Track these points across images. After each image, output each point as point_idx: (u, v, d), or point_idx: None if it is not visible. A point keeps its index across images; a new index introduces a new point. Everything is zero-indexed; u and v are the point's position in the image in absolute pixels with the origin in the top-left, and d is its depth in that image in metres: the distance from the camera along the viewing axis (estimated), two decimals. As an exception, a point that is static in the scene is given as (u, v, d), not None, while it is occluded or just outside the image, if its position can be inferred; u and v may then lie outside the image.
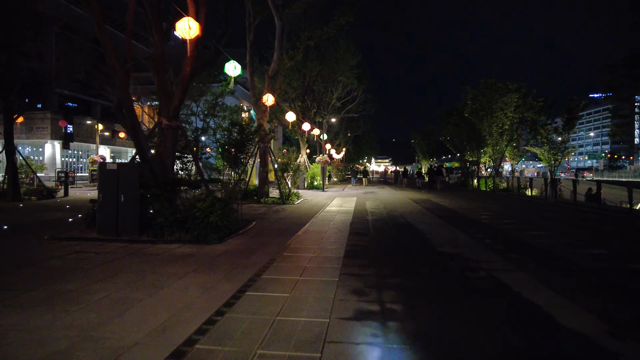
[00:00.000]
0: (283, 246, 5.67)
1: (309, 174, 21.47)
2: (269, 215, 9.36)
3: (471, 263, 4.77)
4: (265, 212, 10.15)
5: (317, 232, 6.90)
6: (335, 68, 21.51)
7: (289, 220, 8.50)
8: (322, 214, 9.69)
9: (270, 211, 10.31)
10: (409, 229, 7.43)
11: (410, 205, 12.21)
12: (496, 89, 20.06)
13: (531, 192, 16.82)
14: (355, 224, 7.93)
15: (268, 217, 9.12)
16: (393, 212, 10.22)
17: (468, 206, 12.22)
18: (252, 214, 9.50)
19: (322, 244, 5.81)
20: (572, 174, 58.36)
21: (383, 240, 6.30)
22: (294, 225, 7.79)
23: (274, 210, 10.62)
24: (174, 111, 6.90)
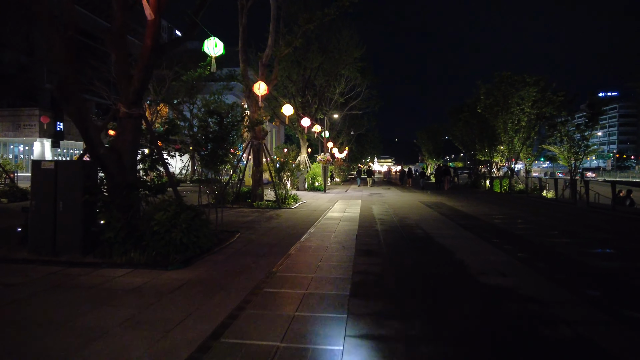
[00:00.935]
0: (267, 274, 4.20)
1: (309, 174, 20.00)
2: (259, 224, 7.89)
3: (537, 307, 3.27)
4: (255, 219, 8.69)
5: (314, 250, 5.42)
6: (338, 60, 20.04)
7: (281, 231, 7.03)
8: (322, 222, 8.21)
9: (262, 218, 8.84)
10: (431, 245, 5.93)
11: (423, 211, 10.71)
12: (512, 83, 18.50)
13: (556, 194, 15.26)
14: (363, 238, 6.44)
15: (258, 226, 7.65)
16: (406, 220, 8.73)
17: (490, 212, 10.70)
18: (239, 222, 8.04)
19: (320, 271, 4.32)
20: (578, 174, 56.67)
21: (401, 263, 4.81)
22: (287, 238, 6.31)
23: (266, 216, 9.15)
24: (134, 95, 5.44)
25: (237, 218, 8.74)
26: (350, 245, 5.69)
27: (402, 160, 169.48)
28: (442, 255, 5.22)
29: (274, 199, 11.61)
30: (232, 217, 8.81)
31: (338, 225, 7.75)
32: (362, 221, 8.40)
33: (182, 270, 4.29)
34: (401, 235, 6.73)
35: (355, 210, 10.71)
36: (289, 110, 12.44)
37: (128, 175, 5.46)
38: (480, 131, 22.16)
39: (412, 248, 5.68)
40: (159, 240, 4.64)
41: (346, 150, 38.26)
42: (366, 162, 70.64)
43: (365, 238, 6.34)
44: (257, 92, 9.73)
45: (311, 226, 7.57)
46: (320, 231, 7.01)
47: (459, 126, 24.16)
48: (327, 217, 9.03)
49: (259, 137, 11.91)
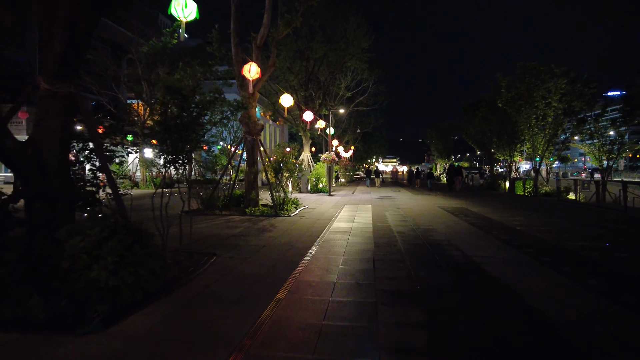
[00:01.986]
0: (234, 349, 2.52)
1: (312, 175, 18.32)
2: (246, 240, 6.22)
3: None
4: (244, 231, 7.02)
5: (315, 292, 3.71)
6: (344, 51, 18.32)
7: (273, 253, 5.35)
8: (326, 238, 6.51)
9: (253, 230, 7.17)
10: (482, 279, 4.21)
11: (447, 219, 8.97)
12: (537, 74, 16.66)
13: (597, 198, 13.42)
14: (383, 266, 4.73)
15: (244, 243, 5.98)
16: (432, 233, 7.00)
17: (526, 220, 8.93)
18: (222, 237, 6.37)
19: (323, 344, 2.63)
20: (587, 174, 53.99)
21: (452, 324, 3.11)
22: (278, 266, 4.63)
23: (258, 227, 7.48)
24: (58, 64, 3.80)
25: (221, 230, 7.08)
26: (367, 282, 3.98)
27: (407, 160, 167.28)
28: (506, 301, 3.49)
29: (271, 204, 9.95)
30: (216, 229, 7.15)
31: (347, 242, 6.04)
32: (378, 236, 6.69)
33: (98, 337, 2.63)
34: (434, 259, 5.01)
35: (366, 218, 9.00)
36: (287, 100, 10.75)
37: (52, 178, 3.82)
38: (499, 128, 20.31)
39: (458, 285, 3.96)
40: (73, 282, 2.98)
41: (352, 149, 36.53)
42: (371, 162, 68.86)
43: (386, 267, 4.63)
44: (247, 76, 8.07)
45: (312, 244, 5.88)
46: (324, 253, 5.31)
47: (475, 123, 22.31)
48: (333, 230, 7.33)
49: (253, 133, 10.26)
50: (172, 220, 4.53)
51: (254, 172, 10.08)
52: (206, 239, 6.25)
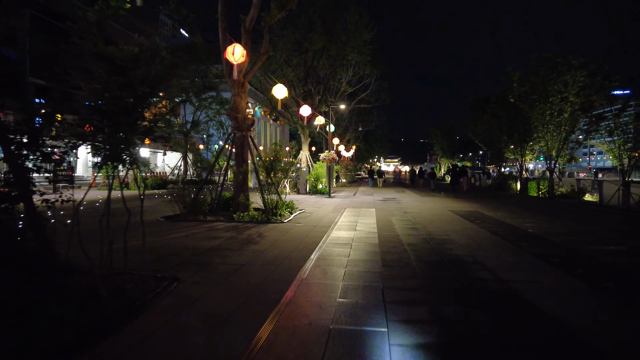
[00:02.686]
0: None
1: (311, 175, 17.17)
2: (223, 256, 5.07)
3: None
4: (225, 243, 5.87)
5: (301, 350, 2.57)
6: (345, 43, 17.14)
7: (253, 276, 4.20)
8: (323, 252, 5.36)
9: (236, 242, 6.03)
10: (536, 322, 3.05)
11: (463, 226, 7.80)
12: (553, 66, 15.46)
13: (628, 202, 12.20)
14: (397, 299, 3.58)
15: (219, 260, 4.83)
16: (449, 246, 5.83)
17: (556, 228, 7.76)
18: (196, 251, 5.22)
19: None
20: (592, 174, 52.42)
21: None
22: (255, 298, 3.48)
23: (243, 238, 6.34)
24: None
25: (198, 241, 5.93)
26: (376, 328, 2.82)
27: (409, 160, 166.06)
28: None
29: (263, 208, 8.81)
30: (193, 240, 6.01)
31: (347, 260, 4.88)
32: (385, 250, 5.53)
33: None
34: (461, 286, 3.85)
35: (370, 225, 7.84)
36: (281, 91, 9.59)
37: None
38: (509, 125, 19.11)
39: (505, 333, 2.80)
40: None
41: (353, 149, 35.36)
42: (373, 162, 67.73)
43: (400, 299, 3.48)
44: (231, 59, 6.93)
45: (305, 262, 4.72)
46: (318, 277, 4.15)
47: (483, 120, 21.10)
48: (332, 241, 6.18)
49: (243, 128, 9.13)
50: (135, 231, 3.38)
51: (243, 173, 8.94)
52: (175, 254, 5.11)
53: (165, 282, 3.85)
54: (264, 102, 19.96)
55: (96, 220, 3.49)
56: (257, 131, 48.89)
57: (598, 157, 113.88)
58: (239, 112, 9.18)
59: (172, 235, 6.53)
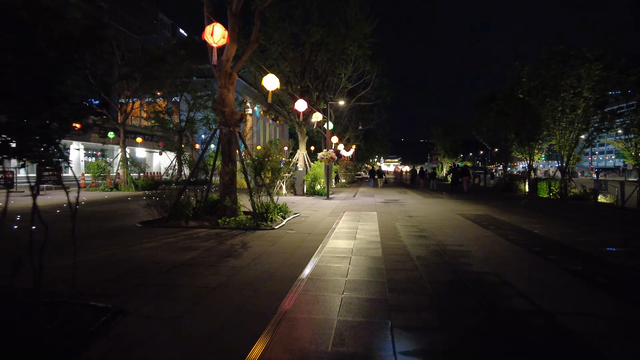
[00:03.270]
0: None
1: (308, 176, 16.25)
2: (194, 274, 4.15)
3: None
4: (200, 256, 4.95)
5: None
6: (344, 36, 16.20)
7: (222, 305, 3.28)
8: (315, 270, 4.43)
9: (214, 254, 5.10)
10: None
11: (477, 234, 6.88)
12: (566, 59, 14.53)
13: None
14: (410, 346, 2.66)
15: (188, 281, 3.91)
16: (467, 259, 4.91)
17: (585, 236, 6.84)
18: (161, 269, 4.30)
19: None
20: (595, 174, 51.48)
21: None
22: (221, 343, 2.56)
23: (223, 250, 5.41)
24: None
25: (169, 254, 5.01)
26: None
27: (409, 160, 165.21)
28: None
29: (253, 212, 7.88)
30: (163, 252, 5.08)
31: (345, 281, 3.96)
32: (391, 266, 4.60)
33: None
34: (492, 319, 2.92)
35: (372, 232, 6.92)
36: (272, 82, 8.65)
37: None
38: (517, 123, 18.17)
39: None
40: None
41: (353, 148, 34.43)
42: (374, 162, 66.85)
43: (415, 347, 2.55)
44: (209, 41, 6.01)
45: (292, 284, 3.79)
46: (308, 309, 3.22)
47: (489, 117, 20.17)
48: (327, 253, 5.25)
49: (230, 123, 8.21)
50: (104, 240, 2.45)
51: (230, 173, 8.02)
52: (137, 271, 4.19)
53: (106, 316, 2.93)
54: (259, 99, 19.04)
55: (59, 228, 2.56)
56: (255, 131, 47.98)
57: (600, 157, 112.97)
58: (226, 105, 8.26)
59: (142, 246, 5.62)
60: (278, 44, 15.25)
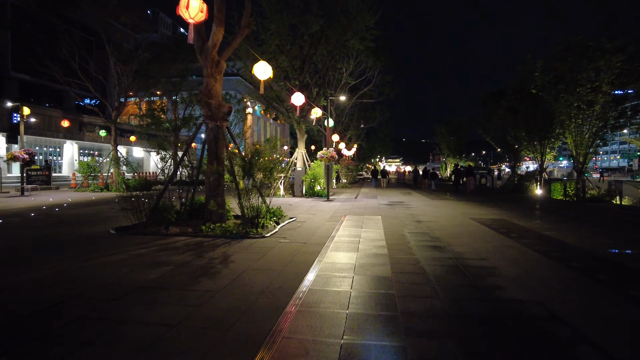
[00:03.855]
0: None
1: (307, 176, 15.32)
2: (151, 303, 3.23)
3: None
4: (168, 275, 4.03)
5: None
6: (345, 27, 15.25)
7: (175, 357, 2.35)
8: (308, 298, 3.50)
9: (186, 272, 4.18)
10: None
11: (499, 244, 5.93)
12: (583, 52, 13.56)
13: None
14: None
15: (138, 315, 2.98)
16: (496, 281, 3.97)
17: (637, 248, 5.90)
18: (120, 289, 3.37)
19: None
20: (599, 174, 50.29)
21: None
22: None
23: (199, 265, 4.49)
24: None
25: (134, 270, 4.09)
26: None
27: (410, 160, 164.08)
28: None
29: (248, 216, 6.95)
30: (129, 267, 4.16)
31: (347, 314, 3.03)
32: (404, 291, 3.67)
33: None
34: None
35: (377, 242, 5.98)
36: (263, 71, 7.70)
37: None
38: (528, 120, 17.18)
39: None
40: None
41: (355, 147, 33.47)
42: (375, 162, 65.88)
43: None
44: (184, 15, 5.09)
45: (275, 322, 2.85)
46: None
47: (498, 115, 19.19)
48: (324, 272, 4.32)
49: (217, 117, 7.30)
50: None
51: (217, 173, 7.09)
52: (79, 297, 3.28)
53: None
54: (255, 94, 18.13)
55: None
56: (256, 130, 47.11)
57: (604, 157, 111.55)
58: (212, 97, 7.35)
59: (106, 259, 4.71)
60: (275, 36, 14.32)
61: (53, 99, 31.59)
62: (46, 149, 29.98)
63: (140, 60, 19.23)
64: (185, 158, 7.87)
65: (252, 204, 7.04)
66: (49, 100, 30.74)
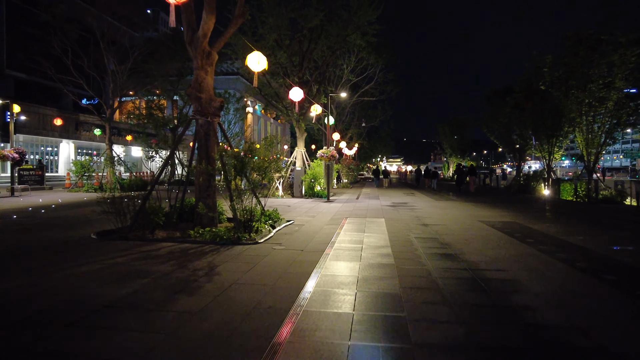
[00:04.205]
0: None
1: (307, 176, 14.76)
2: (112, 329, 2.66)
3: None
4: (144, 290, 3.46)
5: None
6: (346, 21, 14.68)
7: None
8: (301, 324, 2.94)
9: (163, 287, 3.62)
10: None
11: (518, 251, 5.36)
12: (595, 46, 12.97)
13: None
14: None
15: (92, 346, 2.42)
16: (523, 299, 3.40)
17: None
18: (80, 310, 2.81)
19: None
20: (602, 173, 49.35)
21: None
22: None
23: (179, 279, 3.93)
24: None
25: (104, 284, 3.54)
26: None
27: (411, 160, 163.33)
28: None
29: (239, 220, 6.39)
30: (99, 279, 3.60)
31: (349, 345, 2.47)
32: (416, 314, 3.10)
33: None
34: None
35: (382, 250, 5.42)
36: (257, 62, 7.13)
37: None
38: (535, 117, 16.58)
39: None
40: None
41: (356, 147, 32.90)
42: (376, 161, 65.33)
43: None
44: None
45: (264, 354, 2.30)
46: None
47: (504, 112, 18.58)
48: (322, 286, 3.75)
49: (208, 112, 6.76)
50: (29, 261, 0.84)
51: (207, 172, 6.54)
52: (26, 322, 2.73)
53: None
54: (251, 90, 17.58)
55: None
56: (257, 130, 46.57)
57: (607, 157, 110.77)
58: (203, 90, 6.80)
59: (77, 269, 4.17)
60: (274, 30, 13.76)
61: (50, 98, 31.10)
62: (43, 149, 29.51)
63: (136, 57, 18.69)
64: (175, 157, 7.32)
65: (246, 206, 6.48)
66: (45, 99, 30.23)
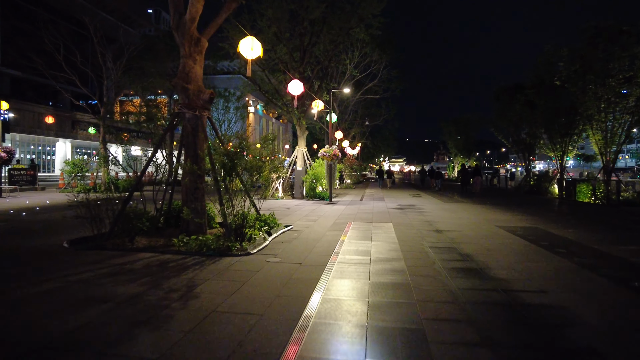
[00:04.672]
0: None
1: (308, 176, 14.02)
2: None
3: None
4: (107, 316, 2.72)
5: None
6: (350, 14, 13.92)
7: None
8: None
9: (128, 314, 2.87)
10: None
11: (552, 265, 4.59)
12: (614, 38, 12.16)
13: None
14: None
15: None
16: (582, 336, 2.64)
17: None
18: (5, 350, 2.09)
19: None
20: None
21: None
22: None
23: (152, 301, 3.18)
24: None
25: (55, 312, 2.79)
26: None
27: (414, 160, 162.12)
28: None
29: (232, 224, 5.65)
30: (52, 304, 2.86)
31: None
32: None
33: None
34: None
35: (393, 263, 4.66)
36: (250, 48, 6.38)
37: None
38: (548, 115, 15.75)
39: None
40: None
41: (359, 146, 32.12)
42: (379, 161, 64.56)
43: None
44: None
45: None
46: None
47: (514, 110, 17.76)
48: (323, 317, 3.00)
49: (195, 105, 6.03)
50: None
51: (193, 172, 5.80)
52: None
53: None
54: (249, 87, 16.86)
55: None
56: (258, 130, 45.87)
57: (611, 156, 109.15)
58: (190, 81, 6.08)
59: (30, 290, 3.46)
60: (273, 22, 13.03)
61: (46, 96, 30.52)
62: (42, 148, 28.93)
63: (131, 53, 18.00)
64: (159, 155, 6.60)
65: (237, 210, 5.74)
66: (41, 97, 29.64)
